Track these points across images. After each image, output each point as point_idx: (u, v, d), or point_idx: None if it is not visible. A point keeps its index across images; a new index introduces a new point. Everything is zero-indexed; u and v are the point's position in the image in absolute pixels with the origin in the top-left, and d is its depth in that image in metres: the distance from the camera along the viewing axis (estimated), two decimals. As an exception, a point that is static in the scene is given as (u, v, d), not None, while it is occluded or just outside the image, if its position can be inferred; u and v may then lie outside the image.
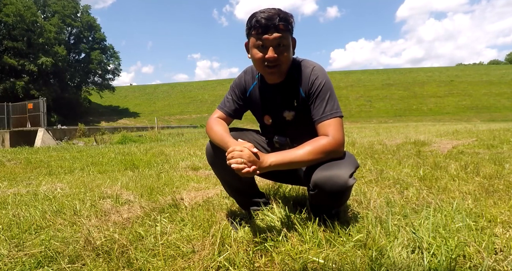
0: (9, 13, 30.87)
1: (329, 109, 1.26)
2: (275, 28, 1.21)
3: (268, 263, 1.08)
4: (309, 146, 1.21)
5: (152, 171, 3.53)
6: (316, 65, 1.33)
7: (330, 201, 1.23)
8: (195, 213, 1.62)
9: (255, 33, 1.23)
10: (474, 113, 37.66)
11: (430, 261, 1.01)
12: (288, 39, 1.25)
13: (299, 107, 1.34)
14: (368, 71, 64.90)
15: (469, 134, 6.59)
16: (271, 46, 1.23)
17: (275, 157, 1.18)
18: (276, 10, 1.23)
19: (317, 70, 1.31)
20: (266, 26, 1.21)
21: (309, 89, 1.30)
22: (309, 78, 1.30)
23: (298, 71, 1.33)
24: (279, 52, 1.24)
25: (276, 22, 1.20)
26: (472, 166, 2.74)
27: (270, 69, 1.27)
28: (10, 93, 31.03)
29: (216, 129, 1.34)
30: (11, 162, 5.09)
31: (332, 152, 1.22)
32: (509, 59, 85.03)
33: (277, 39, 1.22)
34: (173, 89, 63.51)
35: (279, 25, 1.21)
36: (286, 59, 1.27)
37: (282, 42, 1.23)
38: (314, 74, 1.30)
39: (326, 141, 1.22)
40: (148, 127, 21.23)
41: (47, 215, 1.73)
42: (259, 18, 1.21)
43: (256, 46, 1.26)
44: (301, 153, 1.19)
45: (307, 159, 1.19)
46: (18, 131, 16.38)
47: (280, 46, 1.24)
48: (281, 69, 1.28)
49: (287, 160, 1.18)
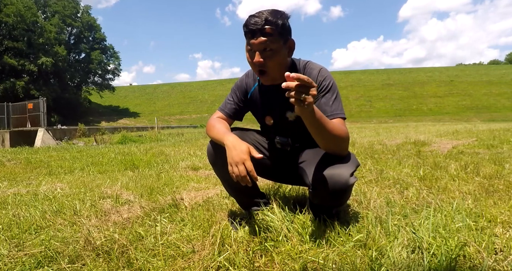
0: (9, 13, 30.85)
1: (335, 109, 1.26)
2: (260, 32, 1.19)
3: (268, 263, 1.08)
4: (335, 124, 1.17)
5: (152, 171, 3.53)
6: (323, 68, 1.34)
7: (331, 200, 1.23)
8: (195, 213, 1.62)
9: (246, 37, 1.24)
10: (474, 113, 37.65)
11: (430, 261, 1.01)
12: (277, 43, 1.21)
13: None
14: (368, 71, 64.92)
15: (469, 135, 6.59)
16: (258, 50, 1.22)
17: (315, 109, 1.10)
18: (267, 13, 1.20)
19: (324, 72, 1.32)
20: (252, 31, 1.20)
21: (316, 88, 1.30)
22: (317, 79, 1.30)
23: (302, 72, 1.33)
24: (265, 56, 1.22)
25: (260, 26, 1.18)
26: (472, 166, 2.73)
27: (259, 74, 1.28)
28: (10, 93, 31.03)
29: (216, 127, 1.34)
30: (11, 162, 5.09)
31: (345, 141, 1.20)
32: (509, 59, 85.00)
33: (263, 44, 1.20)
34: (173, 89, 63.53)
35: (264, 29, 1.18)
36: (274, 64, 1.24)
37: (268, 46, 1.20)
38: (322, 76, 1.30)
39: (344, 129, 1.20)
40: (148, 128, 21.24)
41: (47, 215, 1.73)
42: (247, 23, 1.21)
43: (248, 50, 1.26)
44: (330, 123, 1.14)
45: (329, 129, 1.13)
46: (18, 131, 16.38)
47: (266, 51, 1.21)
48: (270, 74, 1.27)
49: (318, 115, 1.10)
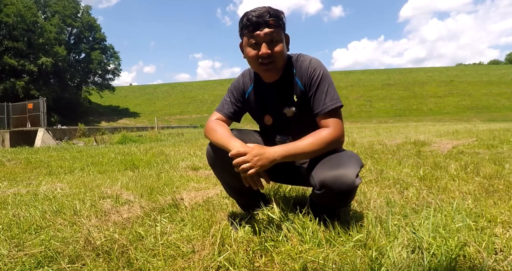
0: (9, 14, 30.86)
1: (329, 100, 1.28)
2: (265, 24, 1.23)
3: (268, 263, 1.08)
4: (311, 138, 1.24)
5: (152, 171, 3.53)
6: (313, 58, 1.35)
7: (337, 201, 1.22)
8: (195, 213, 1.62)
9: (247, 31, 1.26)
10: (474, 113, 37.65)
11: (430, 261, 1.00)
12: (281, 34, 1.26)
13: (299, 101, 1.35)
14: (368, 71, 64.94)
15: (469, 134, 6.59)
16: (264, 42, 1.25)
17: (280, 149, 1.20)
18: (266, 7, 1.24)
19: (315, 62, 1.32)
20: (257, 23, 1.23)
21: (308, 80, 1.30)
22: (308, 70, 1.31)
23: (295, 66, 1.34)
24: (272, 47, 1.25)
25: (266, 18, 1.22)
26: (472, 166, 2.73)
27: (265, 66, 1.28)
28: (10, 93, 31.03)
29: (218, 131, 1.32)
30: (11, 162, 5.09)
31: (334, 143, 1.26)
32: (509, 59, 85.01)
33: (269, 35, 1.24)
34: (173, 89, 63.53)
35: (269, 20, 1.22)
36: (280, 55, 1.27)
37: (274, 37, 1.25)
38: (312, 66, 1.31)
39: (328, 132, 1.25)
40: (148, 128, 21.24)
41: (47, 215, 1.73)
42: (249, 17, 1.23)
43: (250, 45, 1.27)
44: (304, 145, 1.22)
45: (311, 150, 1.22)
46: (18, 131, 16.38)
47: (272, 42, 1.25)
48: (277, 65, 1.29)
49: (292, 151, 1.21)
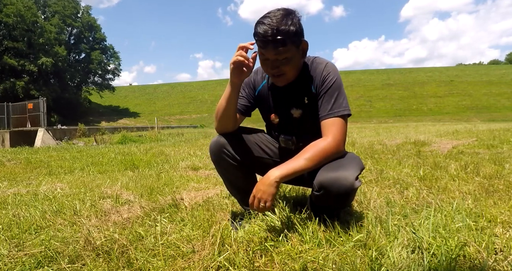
0: (9, 14, 30.85)
1: (336, 106, 1.26)
2: (273, 43, 1.17)
3: (268, 263, 1.08)
4: (309, 153, 1.20)
5: (152, 171, 3.53)
6: (329, 62, 1.33)
7: (335, 203, 1.23)
8: (195, 213, 1.62)
9: (257, 41, 1.21)
10: (474, 113, 37.63)
11: (430, 261, 1.00)
12: (290, 51, 1.20)
13: (309, 103, 1.34)
14: (368, 71, 64.88)
15: (469, 134, 6.59)
16: (271, 59, 1.22)
17: (277, 171, 1.17)
18: (276, 20, 1.15)
19: (330, 67, 1.31)
20: (263, 42, 1.18)
21: (320, 85, 1.30)
22: (322, 74, 1.30)
23: (310, 69, 1.33)
24: (280, 63, 1.23)
25: (272, 38, 1.15)
26: (472, 166, 2.73)
27: (274, 77, 1.30)
28: (10, 93, 31.02)
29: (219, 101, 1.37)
30: (11, 162, 5.09)
31: (333, 154, 1.23)
32: (509, 59, 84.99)
33: (275, 55, 1.20)
34: (173, 89, 63.50)
35: (276, 39, 1.15)
36: (289, 69, 1.26)
37: (281, 56, 1.21)
38: (327, 71, 1.30)
39: (326, 144, 1.22)
40: (148, 127, 21.21)
41: (47, 215, 1.73)
42: (258, 30, 1.18)
43: (260, 54, 1.26)
44: (303, 162, 1.18)
45: (309, 166, 1.19)
46: (18, 131, 16.37)
47: (280, 60, 1.22)
48: (287, 77, 1.29)
49: (291, 171, 1.17)
